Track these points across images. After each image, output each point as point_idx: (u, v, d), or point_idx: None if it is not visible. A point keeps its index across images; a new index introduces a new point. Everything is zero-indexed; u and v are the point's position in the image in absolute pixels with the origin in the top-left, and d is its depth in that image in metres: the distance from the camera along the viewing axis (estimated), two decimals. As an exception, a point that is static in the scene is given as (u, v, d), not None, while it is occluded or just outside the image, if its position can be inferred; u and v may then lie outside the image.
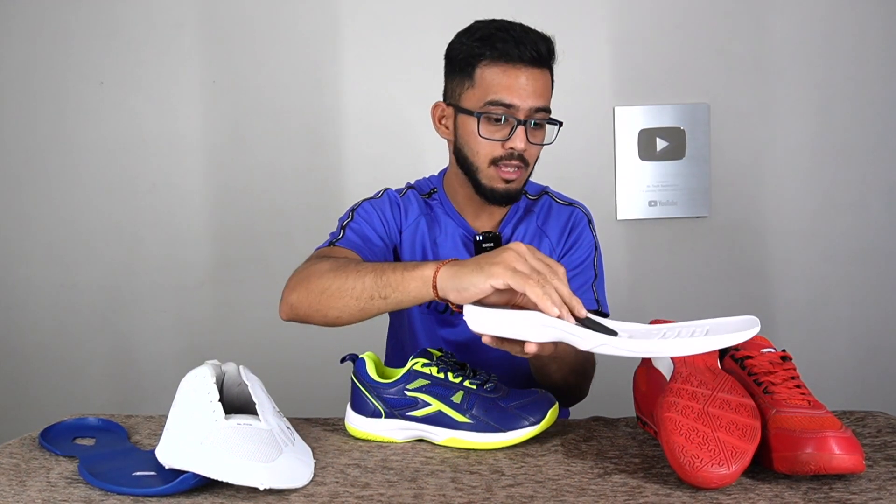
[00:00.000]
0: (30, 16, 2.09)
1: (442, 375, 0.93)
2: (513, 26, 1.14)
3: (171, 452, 0.80)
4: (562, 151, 1.81)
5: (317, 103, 2.12)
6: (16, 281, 2.14)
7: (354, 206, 1.26)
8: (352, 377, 0.98)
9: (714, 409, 0.81)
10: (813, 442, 0.75)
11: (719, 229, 2.12)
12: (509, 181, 1.16)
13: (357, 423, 0.96)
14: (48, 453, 0.92)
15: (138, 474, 0.81)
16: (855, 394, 2.09)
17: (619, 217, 2.11)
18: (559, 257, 1.27)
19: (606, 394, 1.33)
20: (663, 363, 0.91)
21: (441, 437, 0.93)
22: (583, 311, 0.84)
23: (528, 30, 1.14)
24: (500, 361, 1.01)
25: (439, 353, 0.96)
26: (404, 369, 0.95)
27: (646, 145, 2.10)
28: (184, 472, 0.77)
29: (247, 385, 0.88)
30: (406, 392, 0.93)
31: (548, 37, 1.15)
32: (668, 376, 0.89)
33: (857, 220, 2.11)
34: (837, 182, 2.11)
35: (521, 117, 1.13)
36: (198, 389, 0.85)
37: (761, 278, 2.13)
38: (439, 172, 1.32)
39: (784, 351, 0.90)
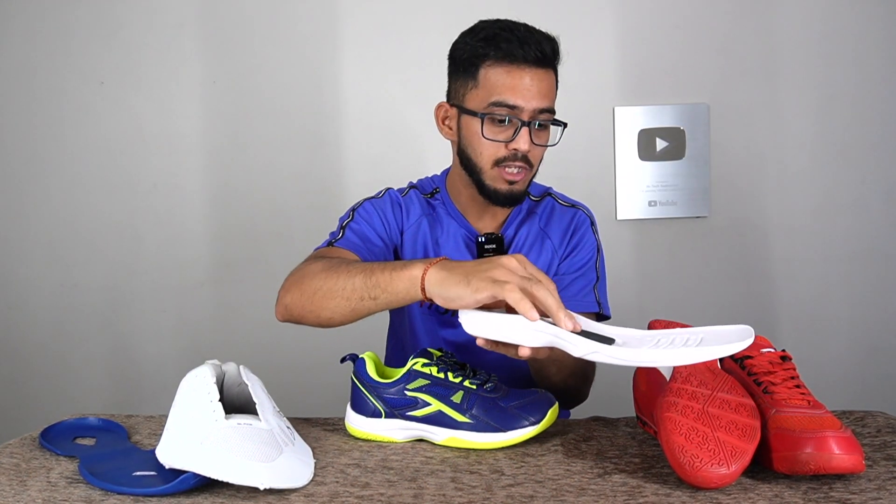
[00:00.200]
0: (30, 16, 2.09)
1: (442, 375, 0.93)
2: (517, 26, 1.13)
3: (172, 452, 0.80)
4: (562, 151, 1.80)
5: (317, 103, 2.12)
6: (16, 281, 2.14)
7: (355, 206, 1.26)
8: (352, 377, 0.98)
9: (714, 409, 0.81)
10: (812, 442, 0.75)
11: (719, 229, 2.12)
12: (513, 182, 1.15)
13: (357, 423, 0.96)
14: (48, 453, 0.92)
15: (139, 474, 0.81)
16: (854, 394, 2.09)
17: (618, 217, 2.11)
18: (561, 259, 1.26)
19: (606, 394, 1.33)
20: (663, 364, 0.91)
21: (441, 436, 0.93)
22: (569, 325, 0.81)
23: (533, 30, 1.13)
24: (501, 362, 1.01)
25: (439, 353, 0.96)
26: (404, 369, 0.95)
27: (646, 145, 2.10)
28: (184, 472, 0.77)
29: (247, 385, 0.88)
30: (406, 392, 0.93)
31: (552, 37, 1.14)
32: (667, 376, 0.89)
33: (857, 220, 2.11)
34: (837, 182, 2.11)
35: (525, 118, 1.12)
36: (198, 389, 0.85)
37: (761, 278, 2.13)
38: (442, 172, 1.32)
39: (784, 351, 0.90)
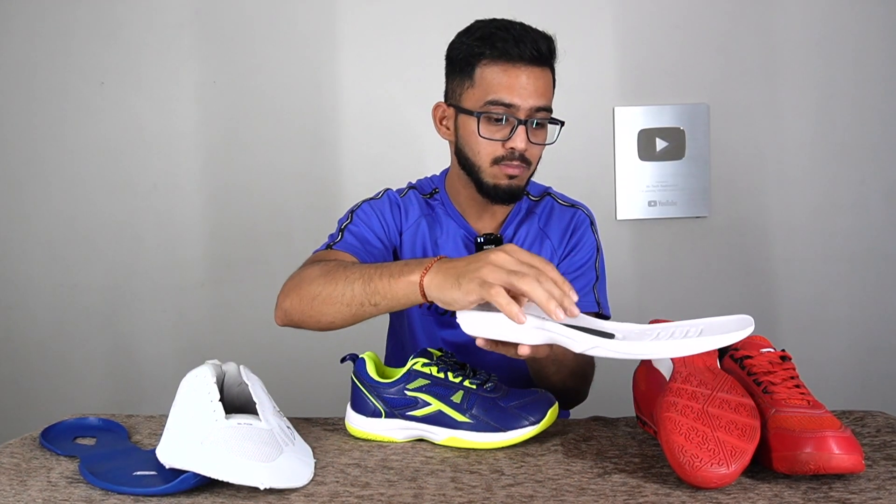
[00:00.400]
0: (30, 16, 2.10)
1: (442, 375, 0.93)
2: (513, 25, 1.13)
3: (172, 452, 0.80)
4: (562, 151, 1.80)
5: (317, 103, 2.12)
6: (16, 281, 2.14)
7: (353, 208, 1.26)
8: (352, 377, 0.98)
9: (713, 409, 0.81)
10: (812, 441, 0.75)
11: (719, 229, 2.12)
12: (512, 177, 1.15)
13: (357, 423, 0.96)
14: (49, 453, 0.92)
15: (139, 474, 0.81)
16: (854, 393, 2.09)
17: (618, 217, 2.11)
18: (561, 259, 1.26)
19: (606, 393, 1.33)
20: (663, 363, 0.91)
21: (441, 436, 0.93)
22: (560, 315, 0.80)
23: (529, 28, 1.14)
24: (500, 362, 1.01)
25: (439, 353, 0.96)
26: (404, 369, 0.95)
27: (645, 145, 2.10)
28: (184, 472, 0.77)
29: (247, 385, 0.88)
30: (406, 392, 0.93)
31: (548, 35, 1.14)
32: (667, 376, 0.89)
33: (857, 220, 2.11)
34: (837, 182, 2.11)
35: (522, 117, 1.12)
36: (198, 389, 0.85)
37: (761, 278, 2.13)
38: (441, 172, 1.32)
39: (783, 351, 0.90)
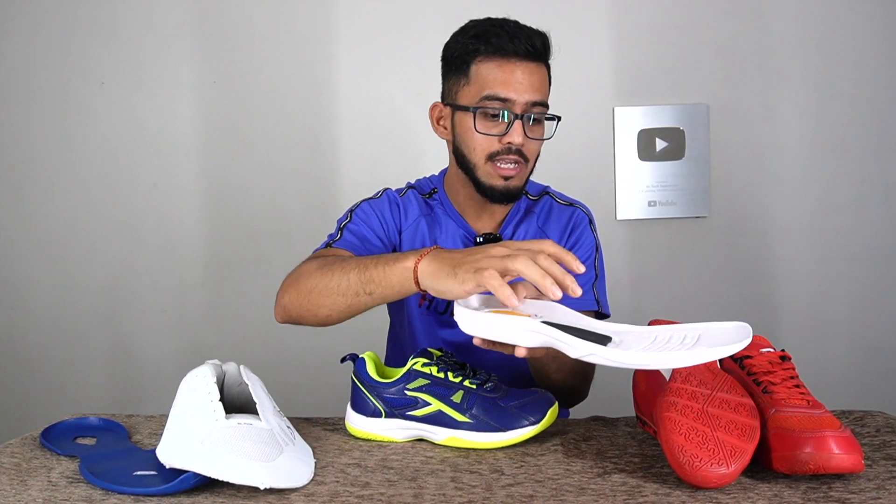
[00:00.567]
0: (30, 16, 2.10)
1: (442, 375, 0.94)
2: (507, 23, 1.15)
3: (172, 452, 0.80)
4: (562, 151, 1.80)
5: (316, 103, 2.12)
6: (16, 281, 2.14)
7: (353, 207, 1.26)
8: (352, 377, 0.98)
9: (713, 409, 0.81)
10: (812, 441, 0.75)
11: (719, 229, 2.12)
12: (508, 178, 1.15)
13: (357, 423, 0.96)
14: (49, 453, 0.92)
15: (139, 474, 0.81)
16: (854, 393, 2.09)
17: (618, 217, 2.11)
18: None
19: (606, 393, 1.33)
20: (662, 363, 0.91)
21: (441, 436, 0.93)
22: (557, 293, 0.80)
23: (523, 26, 1.15)
24: (500, 362, 1.01)
25: (439, 353, 0.96)
26: (404, 369, 0.95)
27: (645, 145, 2.10)
28: (184, 472, 0.77)
29: (247, 385, 0.88)
30: (406, 392, 0.93)
31: (543, 32, 1.15)
32: (667, 376, 0.89)
33: (857, 220, 2.12)
34: (837, 182, 2.11)
35: (518, 111, 1.12)
36: (198, 389, 0.85)
37: (760, 278, 2.13)
38: (440, 172, 1.32)
39: (783, 351, 0.90)
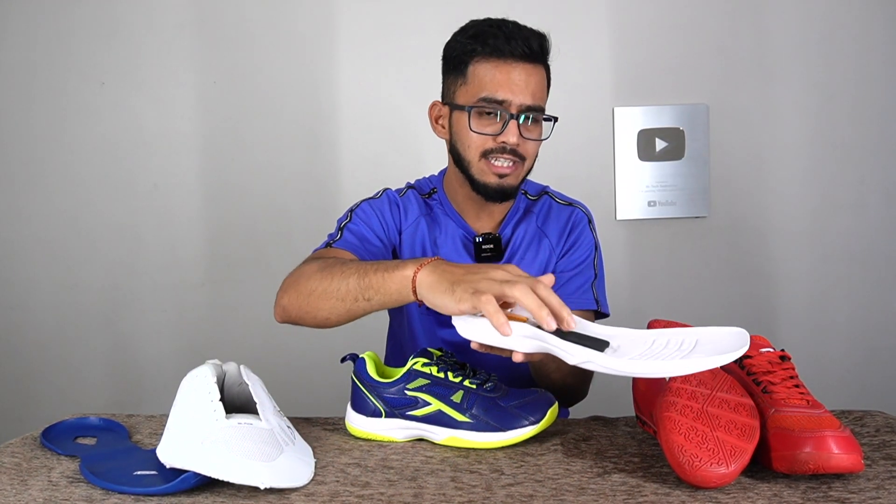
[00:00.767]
0: (30, 16, 2.10)
1: (442, 375, 0.94)
2: (505, 23, 1.15)
3: (172, 452, 0.80)
4: (561, 151, 1.80)
5: (317, 103, 2.12)
6: (17, 281, 2.14)
7: (353, 207, 1.26)
8: (352, 377, 0.98)
9: (713, 409, 0.81)
10: (812, 441, 0.75)
11: (718, 229, 2.12)
12: (503, 176, 1.16)
13: (357, 423, 0.96)
14: (49, 452, 0.92)
15: (139, 473, 0.81)
16: (853, 393, 2.09)
17: (618, 217, 2.11)
18: (559, 257, 1.27)
19: (606, 393, 1.33)
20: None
21: (441, 436, 0.93)
22: (551, 324, 0.81)
23: (521, 27, 1.15)
24: (500, 362, 1.01)
25: (439, 353, 0.96)
26: (404, 369, 0.95)
27: (645, 146, 2.10)
28: (185, 472, 0.77)
29: (247, 384, 0.89)
30: (406, 391, 0.94)
31: (541, 33, 1.15)
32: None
33: (856, 220, 2.12)
34: (836, 182, 2.11)
35: (514, 111, 1.13)
36: (198, 389, 0.85)
37: (760, 278, 2.13)
38: (439, 172, 1.32)
39: (783, 350, 0.90)
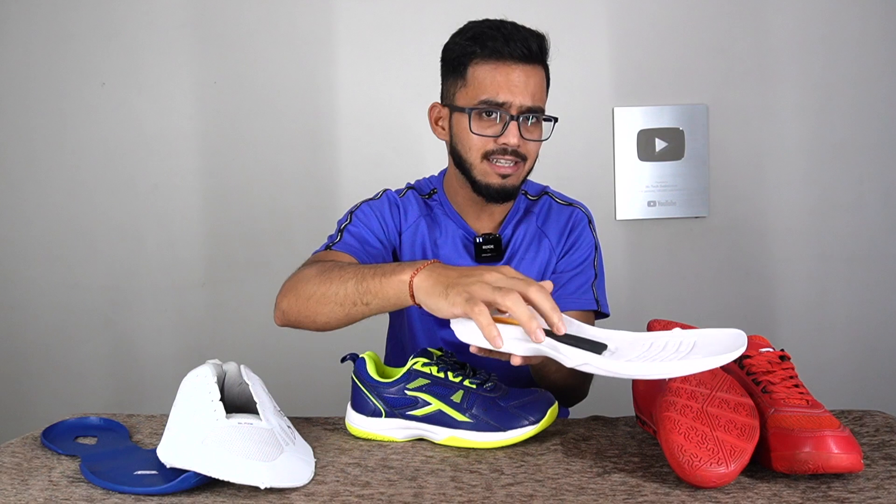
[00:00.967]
0: (30, 16, 2.10)
1: (442, 375, 0.94)
2: (504, 24, 1.15)
3: (173, 451, 0.81)
4: (561, 152, 1.80)
5: (317, 104, 2.12)
6: (17, 281, 2.14)
7: (353, 209, 1.26)
8: (352, 376, 0.98)
9: (713, 409, 0.81)
10: (811, 441, 0.75)
11: (718, 229, 2.12)
12: (505, 176, 1.16)
13: (357, 423, 0.96)
14: (50, 452, 0.92)
15: (140, 473, 0.82)
16: (853, 393, 2.09)
17: (618, 217, 2.11)
18: (559, 257, 1.27)
19: (606, 393, 1.33)
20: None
21: (441, 436, 0.93)
22: (540, 337, 0.81)
23: (520, 27, 1.15)
24: (500, 362, 1.01)
25: (439, 353, 0.96)
26: (404, 369, 0.95)
27: (645, 146, 2.10)
28: (185, 471, 0.77)
29: (248, 384, 0.89)
30: (406, 391, 0.94)
31: (540, 34, 1.15)
32: (667, 376, 0.89)
33: (856, 221, 2.12)
34: (836, 182, 2.12)
35: (514, 113, 1.13)
36: (199, 389, 0.85)
37: (760, 278, 2.13)
38: (439, 173, 1.32)
39: (782, 350, 0.90)
